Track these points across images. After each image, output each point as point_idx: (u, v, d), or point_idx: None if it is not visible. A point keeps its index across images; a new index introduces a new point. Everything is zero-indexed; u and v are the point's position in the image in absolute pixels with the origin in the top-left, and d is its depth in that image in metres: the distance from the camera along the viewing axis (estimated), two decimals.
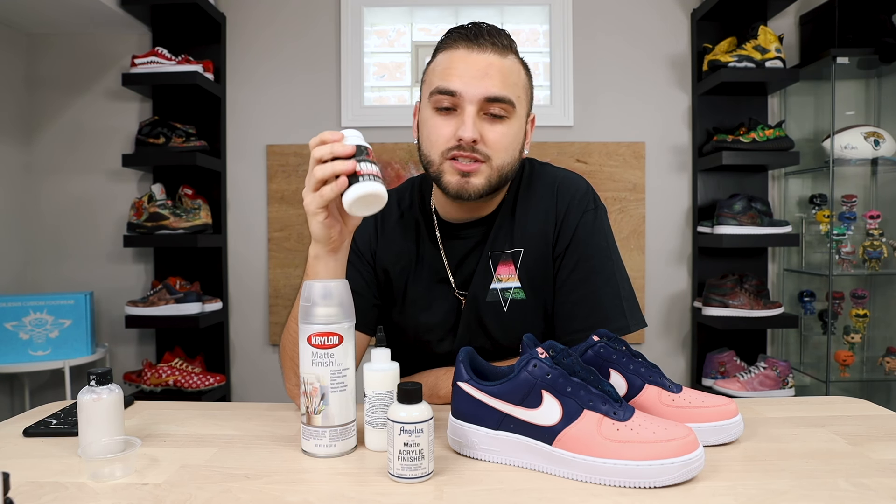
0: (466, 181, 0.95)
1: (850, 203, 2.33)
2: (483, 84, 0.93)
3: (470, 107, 0.93)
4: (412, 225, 1.09)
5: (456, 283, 1.05)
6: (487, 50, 0.94)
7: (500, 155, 0.96)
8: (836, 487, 0.66)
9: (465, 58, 0.94)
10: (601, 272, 1.01)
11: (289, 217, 2.51)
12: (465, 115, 0.93)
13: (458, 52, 0.95)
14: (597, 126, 2.52)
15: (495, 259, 1.03)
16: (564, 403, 0.70)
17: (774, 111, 2.52)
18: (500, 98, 0.93)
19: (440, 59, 0.98)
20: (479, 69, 0.93)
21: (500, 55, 0.95)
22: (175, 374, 2.27)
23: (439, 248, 1.06)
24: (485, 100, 0.93)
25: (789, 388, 2.27)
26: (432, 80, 0.97)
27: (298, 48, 2.53)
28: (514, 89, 0.96)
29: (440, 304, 1.06)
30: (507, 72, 0.95)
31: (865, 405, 0.96)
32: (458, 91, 0.93)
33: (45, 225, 2.55)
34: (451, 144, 0.94)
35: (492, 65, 0.93)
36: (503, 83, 0.94)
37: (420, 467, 0.69)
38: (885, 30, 2.18)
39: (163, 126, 2.33)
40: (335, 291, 0.78)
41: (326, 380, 0.76)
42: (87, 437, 0.77)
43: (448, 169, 0.96)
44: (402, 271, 1.07)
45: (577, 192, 1.04)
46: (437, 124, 0.96)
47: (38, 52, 2.54)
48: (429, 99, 0.97)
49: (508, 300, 1.02)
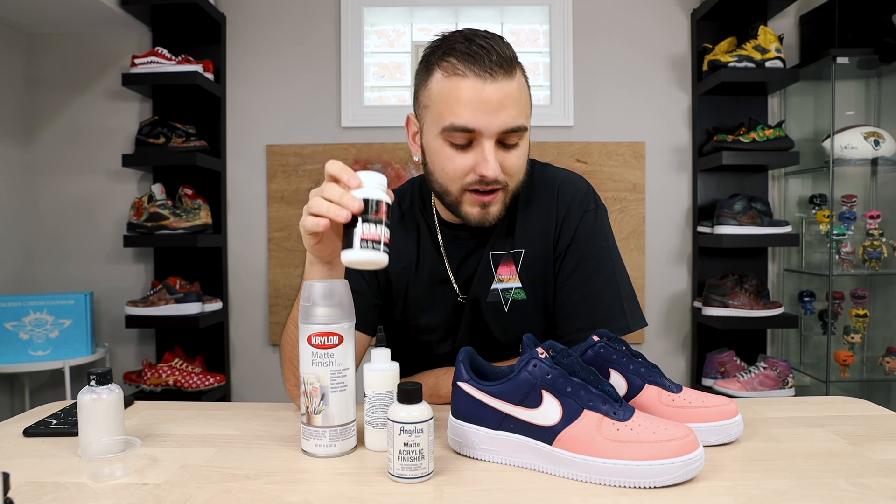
0: (486, 211, 0.95)
1: (850, 203, 2.32)
2: (500, 118, 0.89)
3: (488, 142, 0.90)
4: (413, 226, 1.09)
5: (458, 284, 1.05)
6: (499, 78, 0.89)
7: (515, 178, 0.96)
8: (835, 487, 0.66)
9: (478, 89, 0.88)
10: (602, 272, 1.01)
11: (289, 217, 2.51)
12: (486, 151, 0.90)
13: (468, 82, 0.88)
14: (597, 126, 2.52)
15: (496, 259, 1.03)
16: (564, 403, 0.70)
17: (774, 111, 2.52)
18: (515, 129, 0.91)
19: (444, 84, 0.91)
20: (495, 101, 0.89)
21: (510, 78, 0.90)
22: (175, 374, 2.27)
23: (440, 249, 1.06)
24: (502, 133, 0.91)
25: (789, 388, 2.27)
26: (440, 111, 0.91)
27: (298, 48, 2.53)
28: (525, 110, 0.94)
29: (441, 305, 1.06)
30: (518, 96, 0.91)
31: (865, 405, 0.96)
32: (475, 128, 0.89)
33: (45, 225, 2.55)
34: (471, 179, 0.92)
35: (507, 95, 0.89)
36: (518, 111, 0.91)
37: (420, 467, 0.69)
38: (885, 30, 2.18)
39: (163, 126, 2.33)
40: (335, 291, 0.78)
41: (326, 380, 0.76)
42: (87, 437, 0.77)
43: (468, 200, 0.95)
44: (402, 272, 1.07)
45: (577, 192, 1.05)
46: (452, 157, 0.92)
47: (38, 52, 2.54)
48: (439, 132, 0.92)
49: (509, 300, 1.02)
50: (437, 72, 0.92)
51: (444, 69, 0.91)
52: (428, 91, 0.94)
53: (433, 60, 0.93)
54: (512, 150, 0.93)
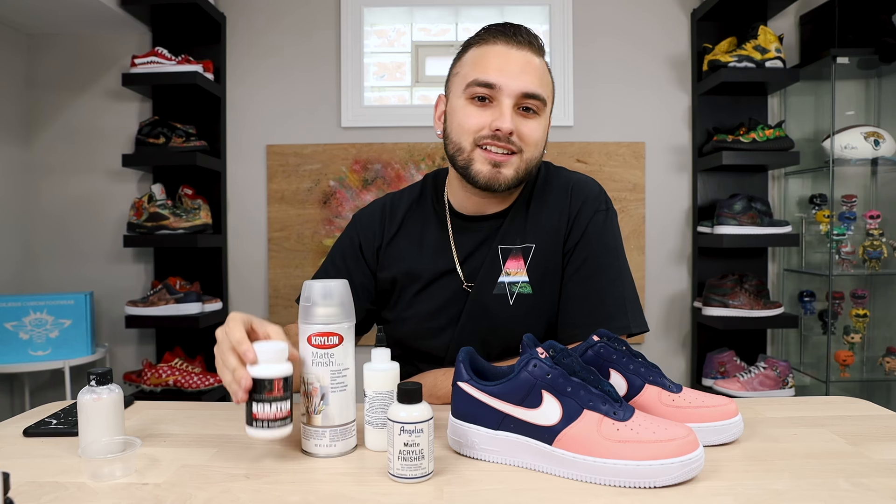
0: (498, 171, 0.98)
1: (850, 203, 2.32)
2: (522, 79, 0.96)
3: (507, 100, 0.96)
4: (424, 217, 1.11)
5: (464, 275, 1.06)
6: (525, 48, 0.97)
7: (530, 149, 0.99)
8: (836, 487, 0.66)
9: (505, 53, 0.97)
10: (607, 271, 1.02)
11: (289, 217, 2.51)
12: (503, 107, 0.96)
13: (497, 47, 0.97)
14: (597, 126, 2.52)
15: (505, 253, 1.05)
16: (564, 403, 0.70)
17: (774, 111, 2.52)
18: (536, 95, 0.97)
19: (474, 53, 1.00)
20: (518, 65, 0.96)
21: (536, 55, 0.99)
22: (175, 374, 2.27)
23: (450, 238, 1.08)
24: (522, 95, 0.96)
25: (789, 388, 2.27)
26: (467, 73, 0.99)
27: (298, 48, 2.53)
28: (547, 89, 1.00)
29: (444, 293, 1.07)
30: (541, 71, 0.99)
31: (865, 405, 0.96)
32: (496, 84, 0.95)
33: (45, 225, 2.55)
34: (486, 133, 0.97)
35: (529, 62, 0.97)
36: (540, 81, 0.98)
37: (420, 467, 0.69)
38: (885, 30, 2.18)
39: (163, 126, 2.33)
40: (335, 291, 0.78)
41: (326, 380, 0.76)
42: (87, 437, 0.77)
43: (479, 157, 0.98)
44: (408, 260, 1.09)
45: (590, 192, 1.07)
46: (471, 113, 0.98)
47: (38, 52, 2.54)
48: (463, 90, 0.98)
49: (515, 294, 1.03)
50: (472, 48, 1.01)
51: (477, 43, 1.00)
52: (460, 62, 1.03)
53: (469, 42, 1.03)
54: (530, 118, 0.98)
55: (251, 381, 0.72)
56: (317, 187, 2.51)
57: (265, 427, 0.72)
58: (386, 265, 1.11)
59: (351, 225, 1.17)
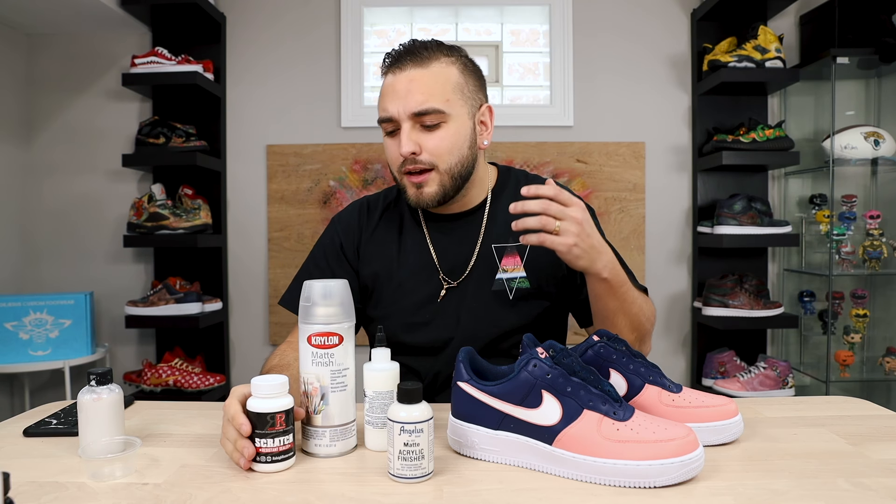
0: (420, 192, 1.04)
1: (850, 203, 2.32)
2: (406, 102, 1.00)
3: (405, 125, 1.01)
4: (397, 217, 1.16)
5: (443, 270, 1.11)
6: (407, 67, 1.01)
7: (445, 159, 1.03)
8: (836, 487, 0.66)
9: (391, 82, 1.02)
10: None
11: (289, 217, 2.51)
12: (402, 133, 1.01)
13: (387, 78, 1.04)
14: (597, 126, 2.52)
15: (500, 251, 1.09)
16: (564, 403, 0.70)
17: (774, 111, 2.52)
18: (425, 111, 1.00)
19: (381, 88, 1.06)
20: (402, 89, 1.01)
21: (421, 67, 1.01)
22: (175, 374, 2.27)
23: (426, 236, 1.13)
24: (413, 115, 1.00)
25: (789, 388, 2.27)
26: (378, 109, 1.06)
27: (298, 48, 2.53)
28: (441, 95, 1.01)
29: (425, 288, 1.11)
30: (429, 82, 1.01)
31: (865, 405, 0.96)
32: (391, 115, 1.02)
33: (45, 225, 2.55)
34: (400, 161, 1.03)
35: (412, 80, 1.00)
36: (426, 94, 1.00)
37: (420, 467, 0.69)
38: (885, 30, 2.18)
39: (163, 126, 2.33)
40: (335, 291, 0.78)
41: (326, 380, 0.76)
42: (87, 437, 0.77)
43: (406, 184, 1.05)
44: (387, 257, 1.13)
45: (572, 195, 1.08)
46: (388, 146, 1.06)
47: (38, 52, 2.54)
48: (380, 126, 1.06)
49: (514, 289, 1.08)
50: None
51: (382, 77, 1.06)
52: None
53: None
54: (433, 132, 1.02)
55: (254, 449, 0.73)
56: (317, 187, 2.51)
57: (269, 461, 0.73)
58: (366, 262, 1.15)
59: (330, 226, 1.20)
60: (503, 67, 2.61)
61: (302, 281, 1.13)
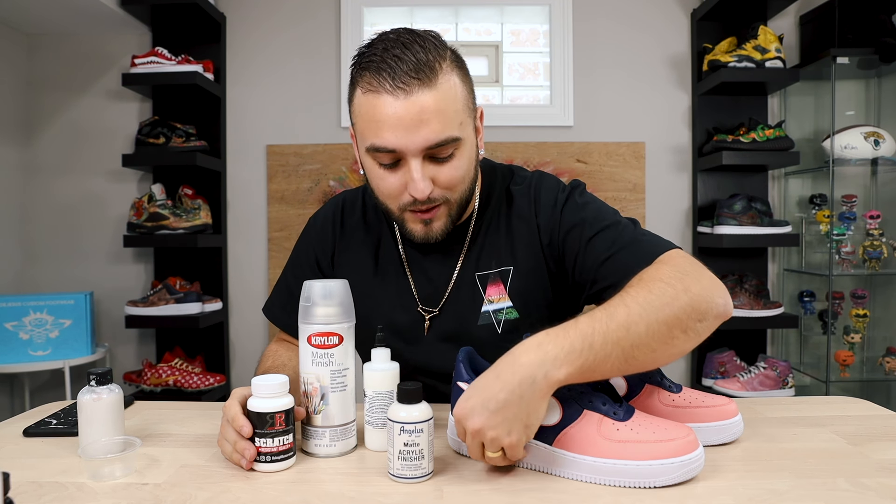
0: (430, 228, 0.91)
1: (850, 203, 2.32)
2: (420, 134, 0.82)
3: (414, 160, 0.84)
4: (375, 226, 1.06)
5: (419, 295, 1.00)
6: (414, 90, 0.81)
7: (457, 189, 0.89)
8: (836, 487, 0.66)
9: (393, 107, 0.81)
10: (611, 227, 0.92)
11: (289, 217, 2.51)
12: (412, 171, 0.84)
13: (382, 98, 0.82)
14: (597, 126, 2.52)
15: (483, 280, 0.98)
16: (564, 403, 0.70)
17: (774, 111, 2.52)
18: (443, 141, 0.83)
19: (363, 102, 0.85)
20: (411, 119, 0.81)
21: (430, 88, 0.82)
22: (175, 374, 2.27)
23: (401, 254, 1.02)
24: (427, 148, 0.84)
25: (789, 388, 2.27)
26: (363, 131, 0.86)
27: (298, 48, 2.53)
28: (455, 118, 0.85)
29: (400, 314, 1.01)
30: (442, 106, 0.83)
31: (865, 405, 0.96)
32: (395, 148, 0.83)
33: (45, 225, 2.55)
34: (406, 200, 0.88)
35: (424, 109, 0.81)
36: (443, 123, 0.83)
37: (420, 467, 0.69)
38: (885, 30, 2.18)
39: (163, 126, 2.33)
40: (335, 291, 0.78)
41: (326, 380, 0.76)
42: (87, 437, 0.77)
43: (409, 218, 0.91)
44: (360, 272, 1.03)
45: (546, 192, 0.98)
46: (383, 177, 0.88)
47: (38, 52, 2.54)
48: (366, 151, 0.87)
49: (502, 321, 0.97)
50: (358, 87, 0.86)
51: (361, 85, 0.85)
52: (353, 107, 0.89)
53: (354, 73, 0.87)
54: (446, 162, 0.86)
55: (255, 450, 0.72)
56: (317, 187, 2.51)
57: (269, 461, 0.73)
58: (340, 275, 1.05)
59: (305, 233, 1.11)
60: (503, 67, 2.60)
61: (282, 292, 1.11)
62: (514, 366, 0.67)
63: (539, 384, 0.65)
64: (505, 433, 0.65)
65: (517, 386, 0.65)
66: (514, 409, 0.65)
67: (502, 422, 0.65)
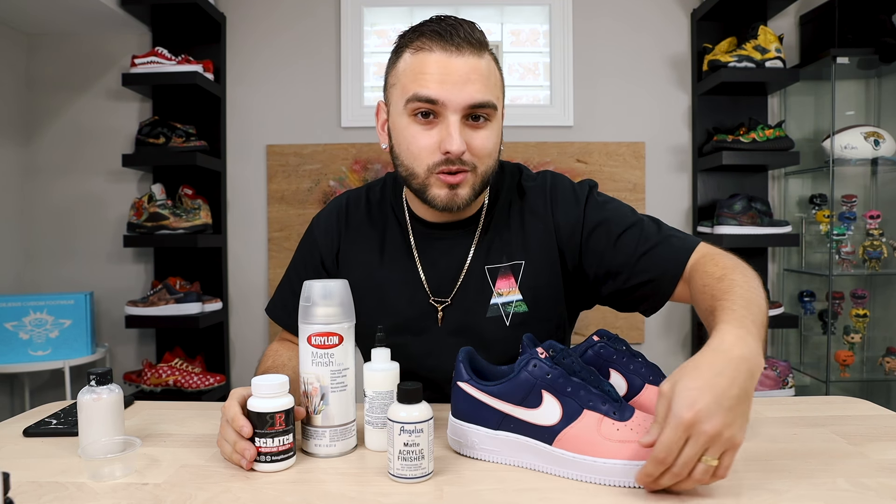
0: (455, 193, 0.91)
1: (850, 203, 2.32)
2: (466, 91, 0.87)
3: (453, 116, 0.88)
4: (381, 220, 1.06)
5: (429, 287, 1.00)
6: (465, 52, 0.88)
7: (484, 161, 0.92)
8: (836, 487, 0.66)
9: (444, 62, 0.87)
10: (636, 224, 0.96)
11: (289, 217, 2.51)
12: (450, 126, 0.88)
13: (434, 55, 0.88)
14: (597, 126, 2.52)
15: (493, 273, 0.99)
16: (564, 403, 0.70)
17: (774, 111, 2.52)
18: (484, 104, 0.89)
19: (411, 60, 0.90)
20: (460, 75, 0.87)
21: (478, 55, 0.89)
22: (175, 374, 2.27)
23: (412, 246, 1.02)
24: (469, 107, 0.88)
25: (789, 388, 2.27)
26: (405, 85, 0.90)
27: (298, 48, 2.53)
28: (495, 91, 0.92)
29: (409, 308, 1.01)
30: (486, 74, 0.90)
31: (865, 405, 0.96)
32: (439, 99, 0.87)
33: (45, 225, 2.55)
34: (437, 159, 0.90)
35: (473, 69, 0.88)
36: (485, 87, 0.89)
37: (420, 467, 0.69)
38: (885, 30, 2.18)
39: (163, 126, 2.33)
40: (335, 291, 0.78)
41: (326, 380, 0.76)
42: (87, 437, 0.77)
43: (435, 182, 0.91)
44: (367, 267, 1.04)
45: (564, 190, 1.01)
46: (416, 135, 0.90)
47: (38, 52, 2.54)
48: (404, 106, 0.90)
49: (510, 314, 0.98)
50: (406, 52, 0.91)
51: (412, 47, 0.90)
52: (395, 70, 0.93)
53: (403, 43, 0.93)
54: (480, 129, 0.91)
55: (255, 450, 0.72)
56: (317, 187, 2.51)
57: (269, 461, 0.73)
58: (345, 272, 1.05)
59: (308, 232, 1.11)
60: (503, 67, 2.60)
61: (286, 291, 1.11)
62: (733, 361, 0.64)
63: (756, 377, 0.65)
64: (739, 430, 0.62)
65: (744, 381, 0.63)
66: (745, 405, 0.63)
67: (736, 418, 0.62)
